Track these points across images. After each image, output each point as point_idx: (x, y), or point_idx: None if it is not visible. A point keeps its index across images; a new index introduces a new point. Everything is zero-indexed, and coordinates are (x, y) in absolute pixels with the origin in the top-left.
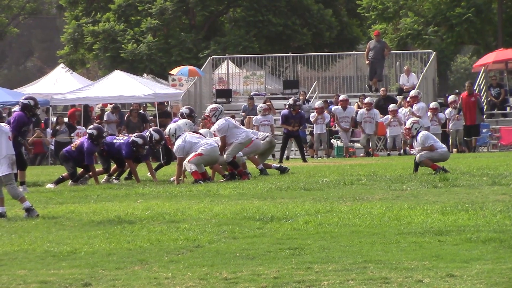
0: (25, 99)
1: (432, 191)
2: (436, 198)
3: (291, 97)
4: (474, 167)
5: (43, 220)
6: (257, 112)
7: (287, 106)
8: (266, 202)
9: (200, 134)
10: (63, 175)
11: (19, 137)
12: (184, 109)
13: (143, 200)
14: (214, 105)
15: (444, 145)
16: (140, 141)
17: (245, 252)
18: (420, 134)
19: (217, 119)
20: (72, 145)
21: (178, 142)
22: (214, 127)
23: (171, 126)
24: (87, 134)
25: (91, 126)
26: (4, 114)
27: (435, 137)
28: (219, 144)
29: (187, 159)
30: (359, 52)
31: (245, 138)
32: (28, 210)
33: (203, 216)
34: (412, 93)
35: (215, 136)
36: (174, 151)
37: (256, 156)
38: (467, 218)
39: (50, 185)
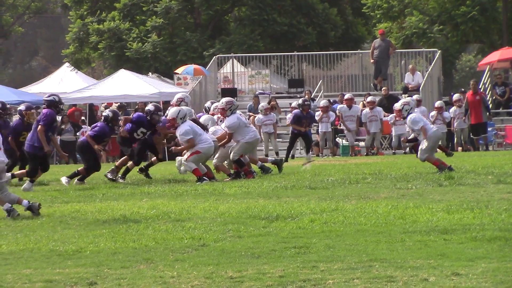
0: (49, 96)
1: (437, 189)
2: (441, 196)
3: (296, 96)
4: (479, 165)
5: (48, 219)
6: (259, 112)
7: (297, 106)
8: (271, 201)
9: (200, 123)
10: (78, 169)
11: (49, 132)
12: (184, 97)
13: (149, 199)
14: (229, 98)
15: (433, 125)
16: (152, 108)
17: (250, 251)
18: (409, 117)
19: (232, 113)
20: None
21: (185, 126)
22: (225, 123)
23: (178, 109)
24: (103, 117)
25: (108, 109)
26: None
27: (424, 118)
28: (215, 139)
29: (185, 157)
30: (364, 51)
31: (253, 137)
32: (30, 208)
33: (208, 215)
34: (415, 97)
35: (216, 126)
36: (179, 133)
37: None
38: (472, 216)
39: (64, 179)
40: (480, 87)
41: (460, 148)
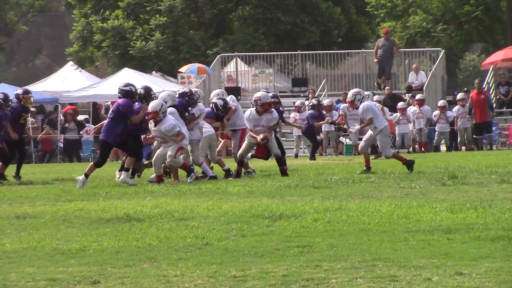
0: (125, 86)
1: (441, 189)
2: (445, 196)
3: (299, 95)
4: (483, 165)
5: (52, 217)
6: None
7: (310, 107)
8: (275, 200)
9: (182, 112)
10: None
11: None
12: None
13: (152, 197)
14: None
15: (385, 120)
16: (187, 90)
17: (253, 250)
18: (361, 105)
19: None
20: None
21: (171, 120)
22: (274, 115)
23: (161, 102)
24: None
25: (140, 87)
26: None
27: (377, 110)
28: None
29: (169, 153)
30: (368, 50)
31: None
32: None
33: (212, 214)
34: (418, 96)
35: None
36: (165, 128)
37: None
38: (475, 216)
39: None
40: (484, 86)
41: (463, 148)
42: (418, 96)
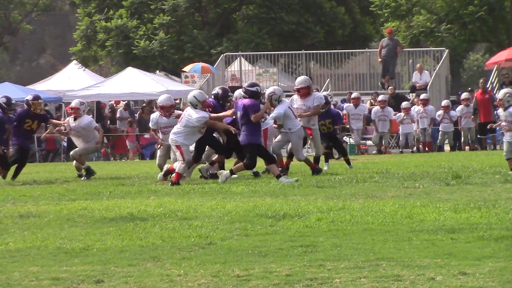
0: (251, 86)
1: (445, 188)
2: (448, 195)
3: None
4: (486, 164)
5: (55, 216)
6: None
7: None
8: (278, 200)
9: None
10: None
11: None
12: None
13: (156, 197)
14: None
15: (299, 124)
16: (220, 91)
17: (257, 249)
18: (277, 110)
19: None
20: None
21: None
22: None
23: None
24: (213, 96)
25: (217, 87)
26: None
27: (291, 112)
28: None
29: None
30: (372, 50)
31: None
32: None
33: (215, 213)
34: (422, 96)
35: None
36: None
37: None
38: (479, 216)
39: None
40: (487, 86)
41: (467, 147)
42: (422, 96)
